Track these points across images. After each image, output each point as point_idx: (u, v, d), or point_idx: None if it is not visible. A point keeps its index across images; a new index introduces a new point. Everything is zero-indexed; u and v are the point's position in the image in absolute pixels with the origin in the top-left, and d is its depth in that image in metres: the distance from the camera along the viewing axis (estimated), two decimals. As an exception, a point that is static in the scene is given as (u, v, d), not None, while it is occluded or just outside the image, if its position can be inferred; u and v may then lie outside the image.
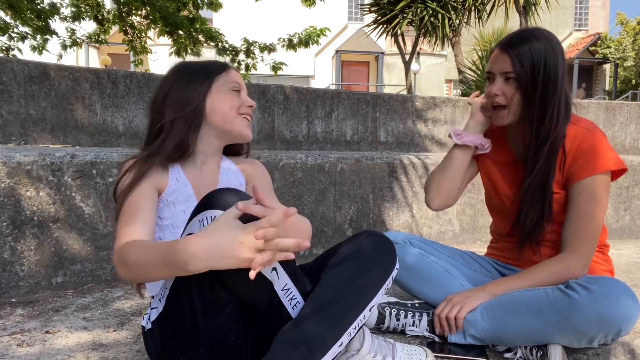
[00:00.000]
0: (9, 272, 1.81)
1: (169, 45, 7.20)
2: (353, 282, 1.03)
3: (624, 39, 20.72)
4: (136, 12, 6.93)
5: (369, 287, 1.04)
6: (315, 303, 0.99)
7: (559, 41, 1.37)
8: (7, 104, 2.73)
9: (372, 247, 1.08)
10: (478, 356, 1.28)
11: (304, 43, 6.96)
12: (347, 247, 1.10)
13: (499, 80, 1.37)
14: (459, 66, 8.92)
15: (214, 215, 0.95)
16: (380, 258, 1.08)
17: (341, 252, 1.09)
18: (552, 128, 1.33)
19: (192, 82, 1.25)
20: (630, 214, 3.33)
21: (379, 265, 1.07)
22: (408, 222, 2.86)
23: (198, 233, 0.89)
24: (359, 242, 1.10)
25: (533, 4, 8.48)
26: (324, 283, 1.03)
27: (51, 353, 1.33)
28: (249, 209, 0.87)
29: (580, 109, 4.48)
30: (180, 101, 1.22)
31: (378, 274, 1.06)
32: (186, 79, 1.25)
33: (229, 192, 0.99)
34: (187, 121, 1.22)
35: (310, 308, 0.99)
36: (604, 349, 1.34)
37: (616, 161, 1.33)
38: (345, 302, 1.00)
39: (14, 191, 1.81)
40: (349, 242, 1.12)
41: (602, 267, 1.45)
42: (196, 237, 0.87)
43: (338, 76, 20.15)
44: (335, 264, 1.06)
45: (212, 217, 0.95)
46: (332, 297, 1.00)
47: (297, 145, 3.72)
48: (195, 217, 0.99)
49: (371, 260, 1.06)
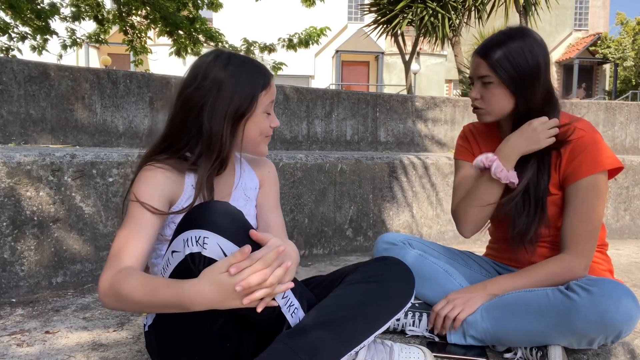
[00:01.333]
0: (9, 272, 1.81)
1: (169, 45, 7.20)
2: (368, 306, 1.04)
3: (624, 39, 20.70)
4: (136, 12, 6.93)
5: (383, 316, 1.06)
6: (326, 315, 1.00)
7: (538, 37, 1.37)
8: (7, 104, 2.73)
9: (394, 276, 1.10)
10: (478, 356, 1.28)
11: (304, 43, 6.96)
12: (369, 268, 1.11)
13: (477, 85, 1.40)
14: (459, 66, 8.92)
15: (200, 236, 0.93)
16: (399, 290, 1.10)
17: (360, 271, 1.10)
18: None
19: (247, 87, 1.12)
20: (630, 214, 3.33)
21: (396, 297, 1.09)
22: (408, 222, 2.86)
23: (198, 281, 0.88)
24: (381, 267, 1.12)
25: (533, 4, 8.48)
26: (338, 298, 1.04)
27: (51, 353, 1.33)
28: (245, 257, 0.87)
29: (580, 109, 4.48)
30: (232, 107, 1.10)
31: (393, 305, 1.08)
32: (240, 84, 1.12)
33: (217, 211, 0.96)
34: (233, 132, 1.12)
35: (319, 319, 0.99)
36: (604, 350, 1.34)
37: (612, 160, 1.33)
38: (356, 323, 1.01)
39: (14, 191, 1.81)
40: (370, 263, 1.14)
41: (601, 267, 1.45)
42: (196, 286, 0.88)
43: (338, 76, 20.15)
44: (352, 282, 1.07)
45: (197, 238, 0.93)
46: (343, 315, 1.00)
47: (297, 145, 3.72)
48: (180, 234, 0.97)
49: (390, 289, 1.08)
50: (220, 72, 1.11)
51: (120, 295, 0.95)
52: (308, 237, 2.55)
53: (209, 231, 0.93)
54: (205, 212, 0.96)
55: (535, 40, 1.35)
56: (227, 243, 0.93)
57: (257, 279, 0.86)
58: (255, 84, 1.13)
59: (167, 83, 3.30)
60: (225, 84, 1.10)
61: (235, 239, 0.94)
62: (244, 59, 1.16)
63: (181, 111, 1.12)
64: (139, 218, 1.04)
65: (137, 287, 0.93)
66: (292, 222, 2.50)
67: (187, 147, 1.13)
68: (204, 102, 1.09)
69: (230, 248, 0.93)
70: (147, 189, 1.07)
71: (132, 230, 1.03)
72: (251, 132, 1.15)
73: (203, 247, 0.93)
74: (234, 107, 1.10)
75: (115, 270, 0.98)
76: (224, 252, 0.93)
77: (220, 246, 0.93)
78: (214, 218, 0.95)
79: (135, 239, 1.02)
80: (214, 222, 0.94)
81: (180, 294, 0.88)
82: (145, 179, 1.09)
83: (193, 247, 0.93)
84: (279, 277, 0.89)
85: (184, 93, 1.12)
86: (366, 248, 2.71)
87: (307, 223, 2.54)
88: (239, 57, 1.15)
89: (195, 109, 1.10)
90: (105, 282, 0.97)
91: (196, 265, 0.94)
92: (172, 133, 1.14)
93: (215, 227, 0.94)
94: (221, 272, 0.86)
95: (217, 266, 0.88)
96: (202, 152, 1.11)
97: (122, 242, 1.02)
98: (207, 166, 1.11)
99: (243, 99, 1.11)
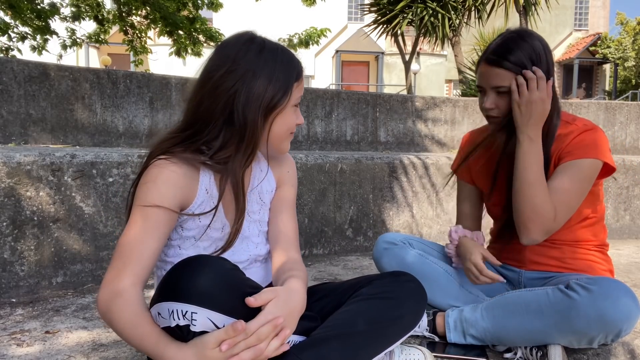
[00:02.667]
0: (9, 272, 1.81)
1: (169, 45, 7.21)
2: (382, 322, 1.03)
3: (624, 39, 20.71)
4: (136, 12, 6.93)
5: (396, 334, 1.06)
6: (339, 329, 0.99)
7: (541, 38, 1.36)
8: (7, 104, 2.73)
9: (407, 294, 1.09)
10: (478, 356, 1.28)
11: (304, 43, 6.96)
12: (382, 282, 1.10)
13: (491, 95, 1.36)
14: (459, 66, 8.92)
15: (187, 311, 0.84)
16: (411, 309, 1.09)
17: (375, 285, 1.09)
18: None
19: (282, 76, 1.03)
20: (630, 214, 3.33)
21: (408, 315, 1.08)
22: (408, 222, 2.86)
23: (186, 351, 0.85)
24: (396, 283, 1.10)
25: (533, 4, 8.48)
26: (350, 312, 1.03)
27: (51, 353, 1.33)
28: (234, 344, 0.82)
29: (580, 109, 4.48)
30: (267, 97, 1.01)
31: (404, 324, 1.08)
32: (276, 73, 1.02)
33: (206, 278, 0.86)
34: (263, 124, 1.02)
35: (332, 332, 0.98)
36: (604, 349, 1.34)
37: (608, 156, 1.32)
38: (369, 339, 1.00)
39: (14, 191, 1.80)
40: (385, 277, 1.12)
41: (602, 267, 1.45)
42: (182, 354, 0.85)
43: (338, 76, 20.15)
44: (367, 296, 1.06)
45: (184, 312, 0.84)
46: (357, 330, 0.99)
47: (297, 145, 3.72)
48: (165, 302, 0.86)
49: (402, 308, 1.07)
50: (255, 58, 1.01)
51: (111, 321, 0.91)
52: (308, 237, 2.55)
53: (197, 306, 0.84)
54: (191, 278, 0.85)
55: (540, 40, 1.35)
56: (218, 316, 0.85)
57: (250, 355, 0.82)
58: (289, 73, 1.04)
59: (167, 83, 3.30)
60: (260, 71, 1.00)
61: (228, 309, 0.86)
62: (277, 45, 1.06)
63: (209, 97, 1.00)
64: (151, 216, 0.96)
65: (129, 326, 0.89)
66: (292, 222, 2.50)
67: (207, 139, 1.01)
68: (237, 88, 0.99)
69: (221, 321, 0.85)
70: (162, 188, 0.98)
71: (144, 229, 0.95)
72: (279, 126, 1.06)
73: (191, 322, 0.84)
74: (269, 97, 1.01)
75: (119, 283, 0.91)
76: (215, 325, 0.85)
77: (211, 320, 0.85)
78: (203, 288, 0.84)
79: (147, 239, 0.95)
80: (203, 293, 0.84)
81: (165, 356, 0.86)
82: (159, 175, 0.98)
83: (180, 320, 0.85)
84: (275, 348, 0.85)
85: (213, 77, 1.00)
86: (366, 248, 2.71)
87: (307, 223, 2.54)
88: (273, 44, 1.06)
89: (225, 95, 0.99)
90: (104, 295, 0.91)
91: (184, 334, 0.87)
92: (196, 121, 1.02)
93: (204, 301, 0.84)
94: (211, 348, 0.82)
95: (207, 341, 0.83)
96: (231, 145, 1.01)
97: (133, 242, 0.94)
98: (242, 161, 1.02)
99: (278, 89, 1.02)
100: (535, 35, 1.34)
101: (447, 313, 1.39)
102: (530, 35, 1.33)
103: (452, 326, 1.36)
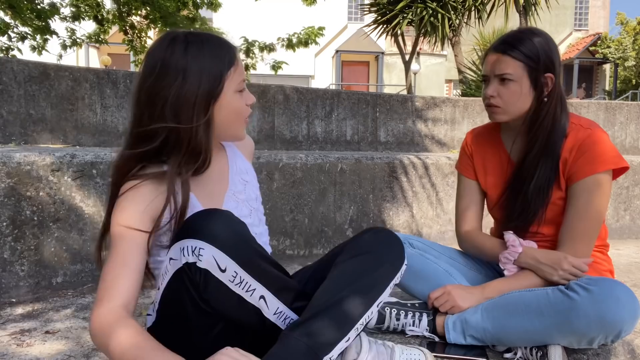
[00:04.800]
0: (9, 272, 1.81)
1: (169, 45, 7.18)
2: (359, 280, 1.02)
3: (624, 39, 20.71)
4: (136, 12, 6.93)
5: (376, 285, 1.04)
6: (322, 303, 0.99)
7: (551, 37, 1.40)
8: (7, 104, 2.73)
9: (379, 244, 1.08)
10: (478, 356, 1.28)
11: (303, 43, 6.95)
12: (353, 244, 1.09)
13: (494, 82, 1.39)
14: (459, 66, 8.92)
15: (196, 246, 0.91)
16: (388, 255, 1.07)
17: (347, 250, 1.09)
18: (548, 122, 1.35)
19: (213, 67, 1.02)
20: (630, 214, 3.33)
21: (386, 262, 1.06)
22: (408, 222, 2.86)
23: None
24: (364, 239, 1.09)
25: (533, 4, 8.47)
26: (330, 282, 1.03)
27: (51, 353, 1.33)
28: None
29: (580, 109, 4.48)
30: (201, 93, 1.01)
31: (385, 271, 1.06)
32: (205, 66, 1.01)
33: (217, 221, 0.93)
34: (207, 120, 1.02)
35: (316, 308, 0.98)
36: (604, 349, 1.34)
37: (617, 160, 1.32)
38: (352, 300, 1.00)
39: (14, 191, 1.80)
40: (354, 239, 1.11)
41: (602, 267, 1.45)
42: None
43: (338, 76, 20.15)
44: (341, 262, 1.06)
45: (193, 248, 0.91)
46: (339, 296, 0.99)
47: (297, 145, 3.72)
48: (177, 243, 0.94)
49: (378, 257, 1.06)
50: (180, 58, 1.00)
51: (106, 347, 0.89)
52: (308, 237, 2.55)
53: (206, 242, 0.91)
54: (204, 221, 0.93)
55: (550, 39, 1.38)
56: (223, 256, 0.91)
57: None
58: (221, 62, 1.03)
59: (167, 83, 3.30)
60: (190, 68, 1.00)
61: (233, 252, 0.92)
62: (203, 36, 1.05)
63: (146, 106, 1.01)
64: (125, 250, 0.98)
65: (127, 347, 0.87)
66: (292, 222, 2.50)
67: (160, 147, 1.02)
68: (171, 92, 0.99)
69: (225, 262, 0.91)
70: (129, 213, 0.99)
71: (119, 264, 0.97)
72: (224, 116, 1.05)
73: (198, 258, 0.91)
74: (204, 92, 1.01)
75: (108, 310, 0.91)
76: (219, 265, 0.91)
77: (215, 259, 0.91)
78: (213, 228, 0.92)
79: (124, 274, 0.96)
80: (212, 232, 0.92)
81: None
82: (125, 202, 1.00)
83: (189, 256, 0.91)
84: None
85: (145, 86, 1.01)
86: (366, 248, 2.71)
87: (307, 223, 2.54)
88: (198, 36, 1.04)
89: (160, 102, 0.99)
90: (96, 322, 0.91)
91: (192, 274, 0.92)
92: (142, 133, 1.02)
93: (212, 238, 0.91)
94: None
95: None
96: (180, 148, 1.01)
97: (111, 279, 0.95)
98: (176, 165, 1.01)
99: (211, 81, 1.01)
100: (545, 34, 1.38)
101: (447, 313, 1.39)
102: (541, 33, 1.38)
103: (452, 326, 1.35)
